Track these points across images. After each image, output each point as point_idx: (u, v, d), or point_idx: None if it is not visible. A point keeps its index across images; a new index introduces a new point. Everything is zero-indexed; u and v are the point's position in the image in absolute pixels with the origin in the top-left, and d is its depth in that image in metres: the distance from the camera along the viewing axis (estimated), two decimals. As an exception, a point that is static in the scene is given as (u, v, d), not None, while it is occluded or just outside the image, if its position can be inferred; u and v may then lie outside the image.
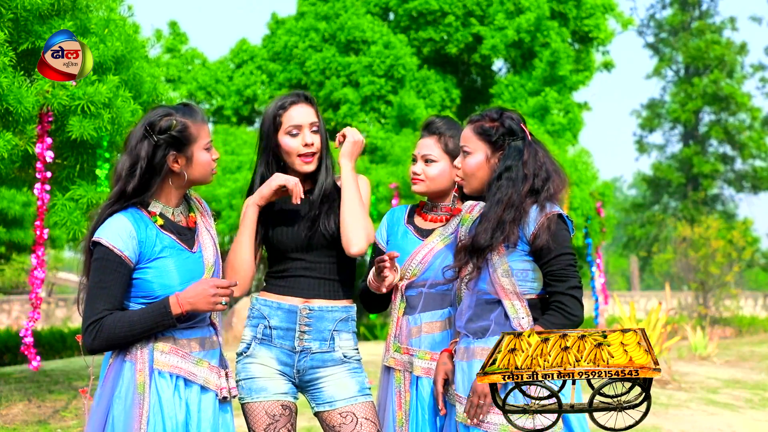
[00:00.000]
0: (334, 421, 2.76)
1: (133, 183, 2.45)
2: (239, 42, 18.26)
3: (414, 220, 3.00)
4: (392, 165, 13.55)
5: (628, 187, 52.82)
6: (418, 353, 2.83)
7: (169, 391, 2.42)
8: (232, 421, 2.63)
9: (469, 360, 2.59)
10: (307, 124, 2.81)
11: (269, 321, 2.79)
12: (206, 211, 2.70)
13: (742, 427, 6.69)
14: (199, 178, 2.56)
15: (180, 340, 2.46)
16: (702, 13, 32.64)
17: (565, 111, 15.56)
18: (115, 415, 2.39)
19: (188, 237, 2.56)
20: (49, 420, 6.13)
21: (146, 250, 2.44)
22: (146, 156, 2.45)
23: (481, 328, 2.57)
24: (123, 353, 2.43)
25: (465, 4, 16.41)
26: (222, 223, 13.99)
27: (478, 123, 2.66)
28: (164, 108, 2.55)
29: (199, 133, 2.52)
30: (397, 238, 2.95)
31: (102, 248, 2.41)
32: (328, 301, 2.82)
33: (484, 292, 2.57)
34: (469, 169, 2.64)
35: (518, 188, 2.54)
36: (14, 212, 10.44)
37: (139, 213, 2.48)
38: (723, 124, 30.56)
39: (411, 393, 2.84)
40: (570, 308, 2.48)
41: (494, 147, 2.62)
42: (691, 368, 10.15)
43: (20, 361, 11.54)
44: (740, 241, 17.51)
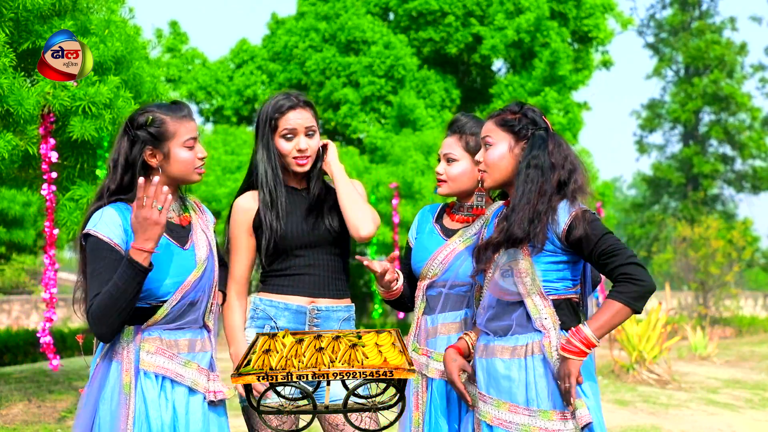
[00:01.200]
0: (338, 419, 2.77)
1: (115, 179, 2.48)
2: (239, 42, 18.26)
3: (442, 219, 2.97)
4: (392, 165, 13.55)
5: (628, 187, 52.84)
6: (434, 355, 2.83)
7: (155, 392, 2.40)
8: (227, 422, 2.60)
9: (489, 357, 2.55)
10: (303, 128, 2.82)
11: (276, 322, 2.78)
12: (204, 213, 2.69)
13: (742, 427, 6.69)
14: (179, 175, 2.53)
15: (167, 340, 2.45)
16: (702, 13, 32.64)
17: (564, 111, 15.56)
18: (101, 416, 2.39)
19: (181, 234, 2.56)
20: (49, 420, 6.13)
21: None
22: (124, 152, 2.48)
23: (502, 327, 2.54)
24: (110, 353, 2.43)
25: (465, 4, 16.41)
26: (222, 223, 13.98)
27: (499, 116, 2.63)
28: (147, 105, 2.57)
29: (176, 130, 2.50)
30: (424, 236, 2.94)
31: (92, 239, 2.41)
32: (333, 300, 2.83)
33: (507, 293, 2.53)
34: (491, 160, 2.60)
35: (548, 176, 2.50)
36: (14, 212, 10.42)
37: (126, 206, 2.49)
38: (723, 124, 30.56)
39: (427, 394, 2.84)
40: (637, 275, 2.38)
41: (518, 137, 2.58)
42: (691, 368, 10.15)
43: (20, 361, 11.54)
44: (740, 241, 17.51)
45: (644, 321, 9.20)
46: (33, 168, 5.69)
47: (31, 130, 5.04)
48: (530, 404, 2.46)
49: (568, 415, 2.45)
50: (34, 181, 6.21)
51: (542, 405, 2.45)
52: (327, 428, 2.81)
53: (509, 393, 2.50)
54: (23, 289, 21.02)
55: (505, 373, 2.50)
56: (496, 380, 2.52)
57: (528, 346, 2.49)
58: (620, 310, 2.39)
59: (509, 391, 2.50)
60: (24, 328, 14.26)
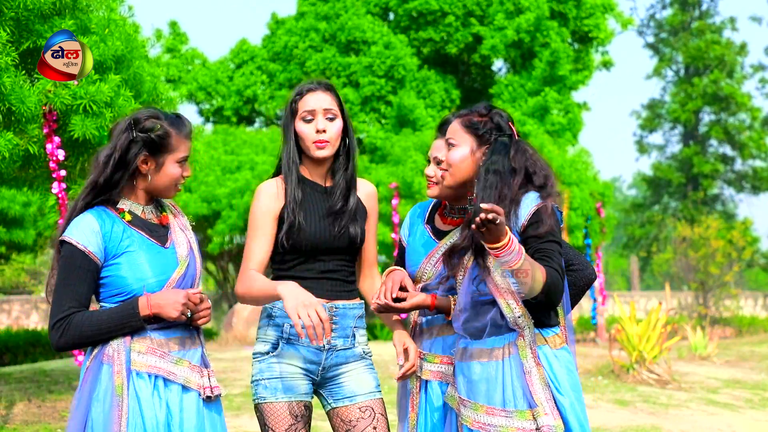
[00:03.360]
0: (352, 415, 2.77)
1: (105, 174, 2.48)
2: (239, 42, 18.26)
3: (434, 220, 2.96)
4: (392, 165, 13.56)
5: (628, 187, 52.84)
6: (428, 356, 2.83)
7: (148, 392, 2.40)
8: (222, 420, 2.60)
9: (467, 361, 2.58)
10: (321, 109, 2.78)
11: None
12: (180, 214, 2.69)
13: (742, 427, 6.69)
14: (161, 188, 2.55)
15: (157, 339, 2.45)
16: (702, 13, 32.64)
17: (564, 111, 15.57)
18: (94, 418, 2.39)
19: (161, 234, 2.56)
20: (49, 420, 6.13)
21: (112, 246, 2.44)
22: (121, 148, 2.48)
23: (478, 329, 2.56)
24: (100, 355, 2.42)
25: (465, 4, 16.41)
26: (222, 223, 13.99)
27: (466, 117, 2.66)
28: (156, 110, 2.56)
29: (178, 146, 2.52)
30: (415, 238, 2.93)
31: (67, 246, 2.42)
32: (349, 300, 2.84)
33: (480, 293, 2.56)
34: (452, 161, 2.64)
35: (507, 181, 2.53)
36: (14, 212, 10.42)
37: (105, 210, 2.50)
38: (723, 124, 30.56)
39: (421, 395, 2.84)
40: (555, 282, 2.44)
41: (480, 141, 2.62)
42: (691, 368, 10.15)
43: (20, 361, 11.54)
44: (740, 241, 17.52)
45: (644, 321, 9.20)
46: (34, 168, 5.69)
47: (31, 129, 5.05)
48: (507, 405, 2.49)
49: (546, 412, 2.45)
50: (34, 181, 6.21)
51: (518, 405, 2.48)
52: (338, 425, 2.81)
53: (486, 395, 2.52)
54: (23, 289, 21.03)
55: (482, 376, 2.53)
56: (475, 384, 2.55)
57: (504, 348, 2.51)
58: (539, 275, 2.40)
59: (486, 393, 2.52)
60: (24, 328, 14.27)
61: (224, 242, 14.51)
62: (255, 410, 2.81)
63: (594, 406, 7.03)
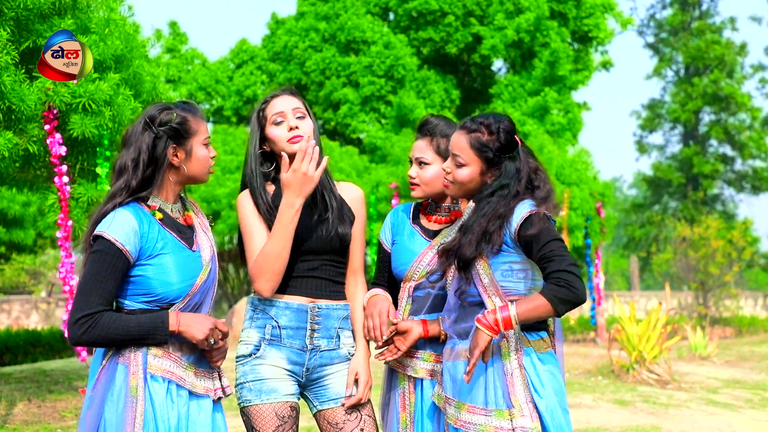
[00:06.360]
0: (338, 417, 2.77)
1: (137, 177, 2.45)
2: (239, 42, 18.27)
3: (420, 220, 2.96)
4: (392, 165, 13.56)
5: (628, 187, 52.86)
6: (423, 355, 2.83)
7: (162, 395, 2.41)
8: (224, 423, 2.60)
9: (454, 361, 2.60)
10: (290, 110, 2.81)
11: (277, 321, 2.76)
12: (201, 212, 2.69)
13: (742, 427, 6.69)
14: (197, 174, 2.55)
15: (173, 343, 2.45)
16: (702, 13, 32.65)
17: (564, 111, 15.57)
18: (107, 418, 2.38)
19: (188, 235, 2.56)
20: (49, 420, 6.13)
21: (147, 246, 2.42)
22: (147, 149, 2.46)
23: (466, 330, 2.57)
24: (116, 356, 2.41)
25: (465, 4, 16.41)
26: (222, 223, 13.99)
27: (474, 135, 2.59)
28: (162, 103, 2.56)
29: (198, 128, 2.53)
30: (404, 238, 2.93)
31: (103, 241, 2.38)
32: (332, 300, 2.83)
33: (468, 294, 2.57)
34: (460, 179, 2.61)
35: (507, 202, 2.53)
36: (14, 212, 10.42)
37: (140, 208, 2.48)
38: (723, 124, 30.57)
39: (416, 395, 2.84)
40: (571, 282, 2.39)
41: (489, 163, 2.58)
42: (691, 368, 10.15)
43: (20, 361, 11.53)
44: (740, 241, 17.51)
45: (644, 321, 9.20)
46: (34, 168, 5.69)
47: (31, 129, 5.05)
48: (488, 404, 2.51)
49: (523, 414, 2.46)
50: (34, 181, 6.21)
51: (498, 405, 2.49)
52: (325, 427, 2.81)
53: (469, 394, 2.54)
54: (23, 289, 21.04)
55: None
56: (460, 383, 2.56)
57: (489, 348, 2.51)
58: (542, 306, 2.41)
59: (470, 392, 2.54)
60: (24, 328, 14.25)
61: (224, 242, 14.51)
62: (241, 414, 2.79)
63: (594, 406, 7.04)
